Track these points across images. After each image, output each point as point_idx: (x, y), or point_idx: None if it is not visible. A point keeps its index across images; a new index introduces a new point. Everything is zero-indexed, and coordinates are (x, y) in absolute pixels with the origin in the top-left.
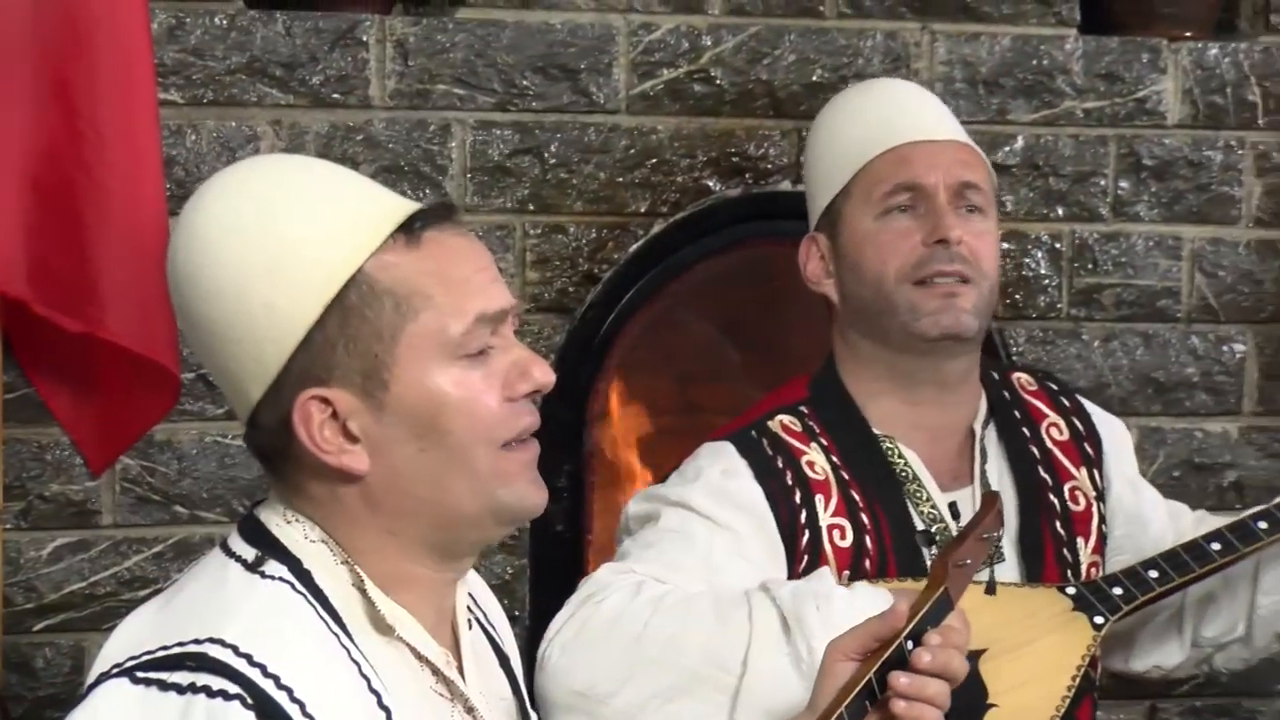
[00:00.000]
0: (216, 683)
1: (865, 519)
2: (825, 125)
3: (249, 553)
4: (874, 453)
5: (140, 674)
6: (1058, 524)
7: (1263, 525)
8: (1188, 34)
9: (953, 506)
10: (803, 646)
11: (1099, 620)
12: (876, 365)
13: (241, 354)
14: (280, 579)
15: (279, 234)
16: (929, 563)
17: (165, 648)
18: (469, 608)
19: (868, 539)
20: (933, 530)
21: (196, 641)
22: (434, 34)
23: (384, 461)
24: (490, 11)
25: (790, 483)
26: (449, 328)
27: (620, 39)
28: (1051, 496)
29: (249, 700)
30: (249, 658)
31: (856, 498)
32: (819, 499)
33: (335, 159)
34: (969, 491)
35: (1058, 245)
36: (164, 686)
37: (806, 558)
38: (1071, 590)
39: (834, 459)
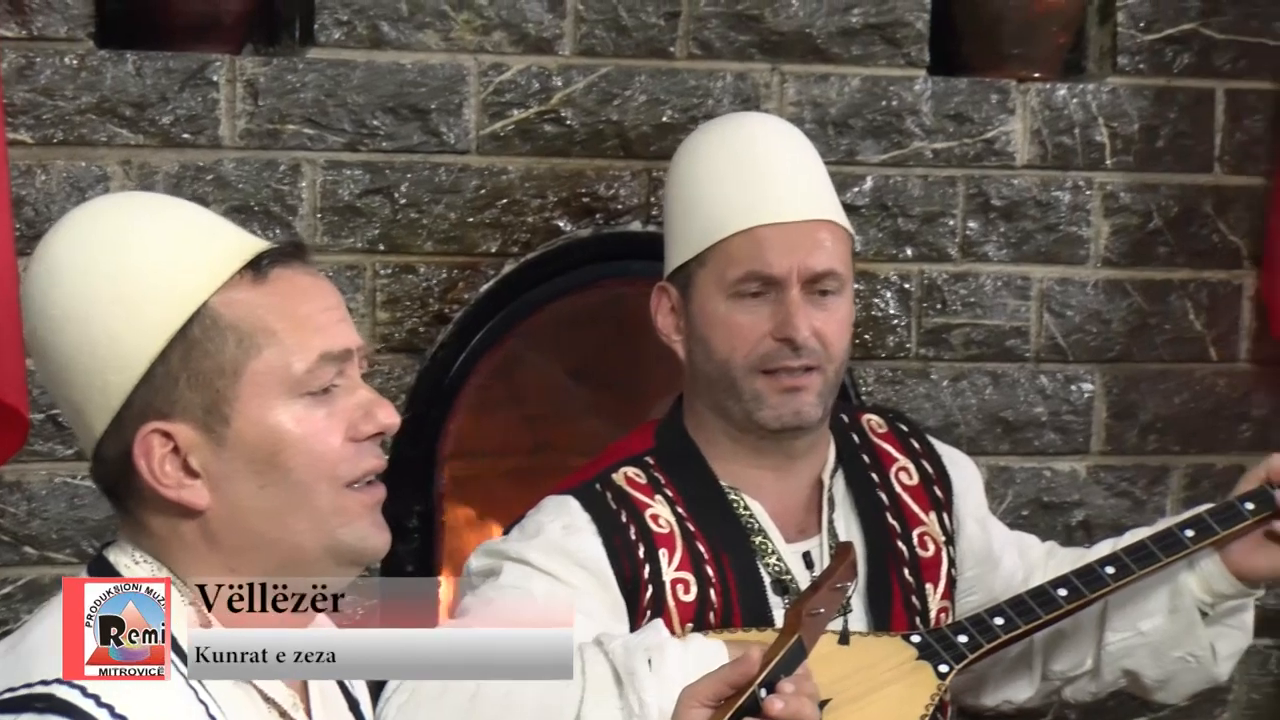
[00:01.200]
0: None
1: (710, 572)
2: (683, 176)
3: None
4: (720, 505)
5: None
6: (906, 571)
7: (1110, 570)
8: (1036, 75)
9: (806, 556)
10: (634, 700)
11: (944, 669)
12: (720, 435)
13: (87, 385)
14: None
15: (127, 265)
16: (777, 614)
17: (13, 689)
18: None
19: (712, 592)
20: (785, 580)
21: (44, 683)
22: (284, 74)
23: (224, 497)
24: (340, 52)
25: (634, 537)
26: (292, 365)
27: (471, 79)
28: (900, 544)
29: None
30: (97, 698)
31: (702, 550)
32: (663, 553)
33: (186, 199)
34: (817, 541)
35: (907, 285)
36: None
37: (649, 612)
38: (917, 639)
39: (679, 510)
